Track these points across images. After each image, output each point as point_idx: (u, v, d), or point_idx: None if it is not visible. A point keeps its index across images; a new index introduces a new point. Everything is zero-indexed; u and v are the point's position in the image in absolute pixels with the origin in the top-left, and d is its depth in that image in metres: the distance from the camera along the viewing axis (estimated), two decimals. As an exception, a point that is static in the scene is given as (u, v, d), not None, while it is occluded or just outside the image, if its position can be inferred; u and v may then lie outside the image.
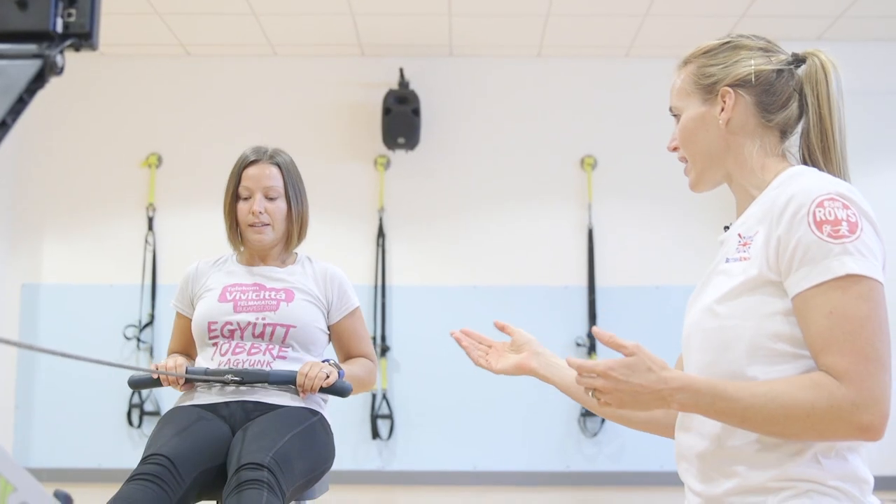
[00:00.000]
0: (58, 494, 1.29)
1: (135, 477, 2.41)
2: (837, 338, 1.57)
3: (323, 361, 2.77)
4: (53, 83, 1.17)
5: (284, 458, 2.50)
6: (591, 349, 5.69)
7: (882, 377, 1.55)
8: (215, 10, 5.43)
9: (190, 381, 2.73)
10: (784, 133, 1.84)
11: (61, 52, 1.16)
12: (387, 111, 5.77)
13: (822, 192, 1.64)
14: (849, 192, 1.67)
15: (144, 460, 2.47)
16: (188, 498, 2.48)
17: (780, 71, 1.84)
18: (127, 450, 5.64)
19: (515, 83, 6.06)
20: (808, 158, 1.81)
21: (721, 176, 1.87)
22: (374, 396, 5.69)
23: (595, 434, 5.69)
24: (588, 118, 5.96)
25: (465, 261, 5.90)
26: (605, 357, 5.35)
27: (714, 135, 1.83)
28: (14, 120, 1.11)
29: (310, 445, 2.67)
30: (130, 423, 5.68)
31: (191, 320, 2.93)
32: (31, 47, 1.15)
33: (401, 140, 5.78)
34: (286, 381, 2.70)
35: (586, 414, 5.68)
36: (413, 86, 5.88)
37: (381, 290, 5.82)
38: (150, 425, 5.58)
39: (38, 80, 1.14)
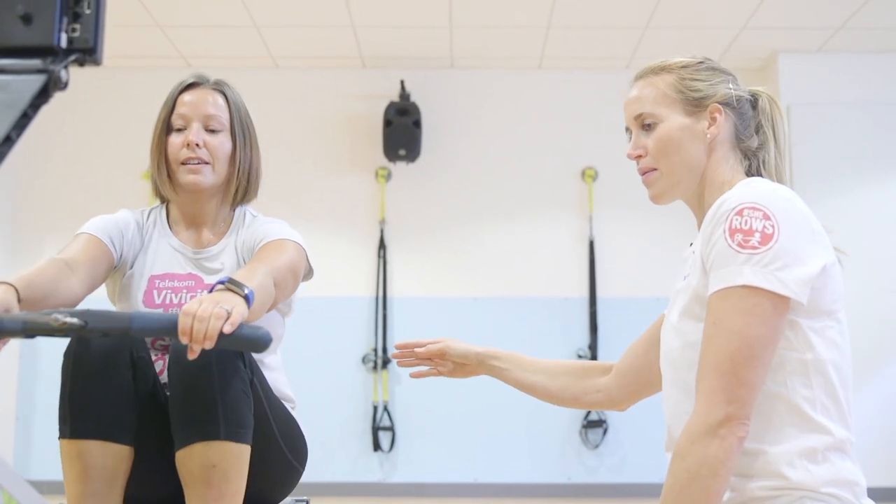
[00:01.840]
0: (60, 508, 1.28)
1: (75, 380, 2.03)
2: (709, 348, 1.60)
3: (218, 284, 1.82)
4: (56, 94, 1.18)
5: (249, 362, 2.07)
6: (593, 360, 5.69)
7: (734, 391, 1.56)
8: (217, 23, 5.44)
9: (2, 338, 1.67)
10: (743, 157, 1.88)
11: (65, 67, 1.16)
12: (388, 123, 5.78)
13: (744, 200, 1.64)
14: (777, 201, 1.66)
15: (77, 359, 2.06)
16: (141, 385, 2.08)
17: (748, 100, 1.89)
18: (128, 462, 5.62)
19: (516, 95, 6.07)
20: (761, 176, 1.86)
21: (691, 191, 1.88)
22: (375, 408, 5.68)
23: (597, 446, 5.68)
24: (589, 130, 5.97)
25: (466, 272, 5.90)
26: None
27: (698, 148, 1.83)
28: (19, 135, 1.11)
29: (283, 407, 2.25)
30: (131, 434, 5.67)
31: (109, 251, 2.29)
32: (36, 62, 1.15)
33: (402, 152, 5.79)
34: (161, 330, 1.71)
35: (588, 426, 5.68)
36: (414, 98, 5.90)
37: (382, 302, 5.82)
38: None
39: (43, 96, 1.14)
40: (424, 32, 5.58)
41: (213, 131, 2.34)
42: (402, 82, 5.88)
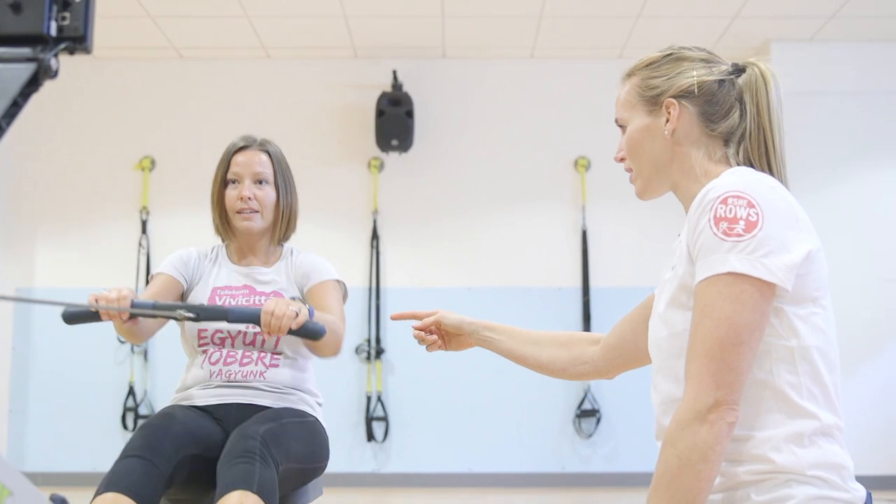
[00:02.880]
0: (54, 498, 1.28)
1: (126, 455, 2.41)
2: (697, 335, 1.62)
3: (291, 298, 2.54)
4: (46, 86, 1.17)
5: (278, 435, 2.50)
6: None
7: (723, 376, 1.58)
8: (208, 14, 5.42)
9: (135, 317, 2.47)
10: (727, 140, 1.87)
11: (55, 55, 1.15)
12: (380, 113, 5.78)
13: (729, 189, 1.65)
14: (761, 189, 1.67)
15: (134, 438, 2.48)
16: (178, 473, 2.46)
17: (721, 81, 1.87)
18: (121, 453, 5.63)
19: (509, 85, 6.06)
20: (747, 161, 1.85)
21: (668, 185, 1.91)
22: (368, 399, 5.69)
23: (590, 435, 5.69)
24: (581, 119, 5.97)
25: (460, 262, 5.90)
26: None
27: (660, 145, 1.86)
28: (9, 124, 1.10)
29: (304, 433, 2.66)
30: (125, 426, 5.68)
31: (180, 285, 2.85)
32: (26, 51, 1.15)
33: (394, 142, 5.78)
34: (248, 320, 2.45)
35: (581, 415, 5.69)
36: (406, 88, 5.89)
37: (376, 292, 5.82)
38: (144, 429, 5.57)
39: (33, 84, 1.14)
40: (416, 22, 5.57)
41: (260, 185, 2.85)
42: (394, 72, 5.87)
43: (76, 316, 2.47)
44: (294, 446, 2.56)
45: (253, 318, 2.41)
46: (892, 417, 5.42)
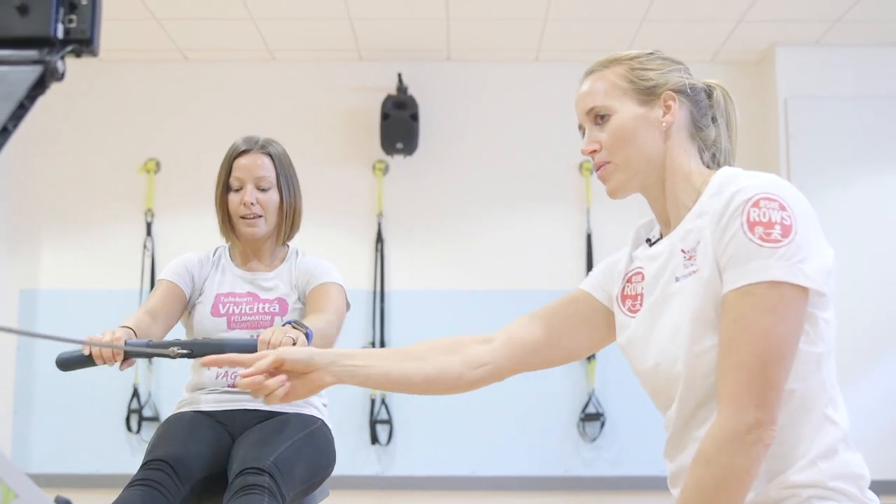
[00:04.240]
0: (59, 500, 1.28)
1: (135, 482, 2.41)
2: (733, 349, 1.53)
3: (285, 325, 2.46)
4: (52, 88, 1.17)
5: (285, 464, 2.50)
6: (591, 355, 5.70)
7: (764, 395, 1.50)
8: (213, 16, 5.43)
9: (130, 358, 2.41)
10: (701, 147, 1.84)
11: (62, 57, 1.16)
12: (385, 116, 5.78)
13: (759, 190, 1.58)
14: (787, 190, 1.60)
15: (144, 465, 2.47)
16: (187, 501, 2.48)
17: (702, 89, 1.85)
18: (126, 455, 5.63)
19: (514, 88, 6.06)
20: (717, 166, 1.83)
21: (650, 180, 1.84)
22: (372, 401, 5.69)
23: (594, 439, 5.68)
24: (586, 123, 5.97)
25: (464, 265, 5.90)
26: (603, 366, 5.29)
27: (655, 137, 1.80)
28: (15, 126, 1.10)
29: (310, 451, 2.67)
30: (129, 428, 5.68)
31: (182, 291, 2.82)
32: (32, 53, 1.15)
33: (399, 145, 5.78)
34: (245, 351, 2.25)
35: (585, 419, 5.68)
36: (411, 91, 5.89)
37: (380, 295, 5.82)
38: (148, 431, 5.58)
39: (39, 87, 1.14)
40: (421, 25, 5.57)
41: (263, 190, 2.85)
42: (399, 75, 5.87)
43: (69, 362, 2.43)
44: (300, 471, 2.57)
45: (250, 347, 2.35)
46: (895, 421, 5.41)
